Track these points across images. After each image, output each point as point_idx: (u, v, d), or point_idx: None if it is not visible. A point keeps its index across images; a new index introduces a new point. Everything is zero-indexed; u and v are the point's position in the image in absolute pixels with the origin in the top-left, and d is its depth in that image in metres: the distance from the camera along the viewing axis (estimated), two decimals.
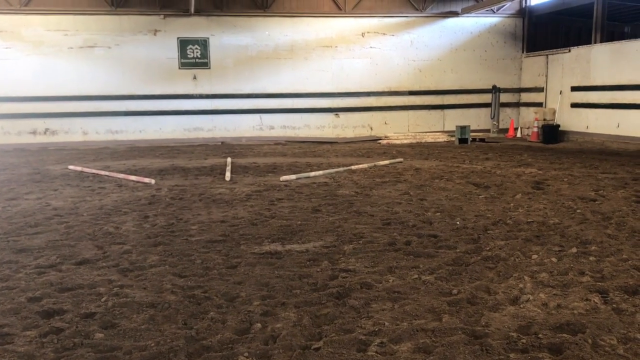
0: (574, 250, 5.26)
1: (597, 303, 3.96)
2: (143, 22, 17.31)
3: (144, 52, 17.36)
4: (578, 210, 7.01)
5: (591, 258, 5.02)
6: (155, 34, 17.39)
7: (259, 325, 3.70)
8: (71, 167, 11.76)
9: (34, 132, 16.97)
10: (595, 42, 16.26)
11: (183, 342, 3.43)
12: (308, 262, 5.06)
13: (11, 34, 16.53)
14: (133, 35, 17.26)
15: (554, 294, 4.17)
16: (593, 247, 5.36)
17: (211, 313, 3.89)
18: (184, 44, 17.54)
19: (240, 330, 3.65)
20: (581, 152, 13.97)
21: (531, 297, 4.09)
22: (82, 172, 11.14)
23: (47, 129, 17.05)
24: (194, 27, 17.58)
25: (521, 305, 3.97)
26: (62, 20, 16.81)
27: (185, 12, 17.31)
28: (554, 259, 5.00)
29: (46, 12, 16.66)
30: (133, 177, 10.12)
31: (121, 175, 10.37)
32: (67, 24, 16.83)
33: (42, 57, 16.75)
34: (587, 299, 4.04)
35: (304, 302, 4.08)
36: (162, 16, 17.32)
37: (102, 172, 10.82)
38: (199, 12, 17.36)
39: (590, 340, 3.37)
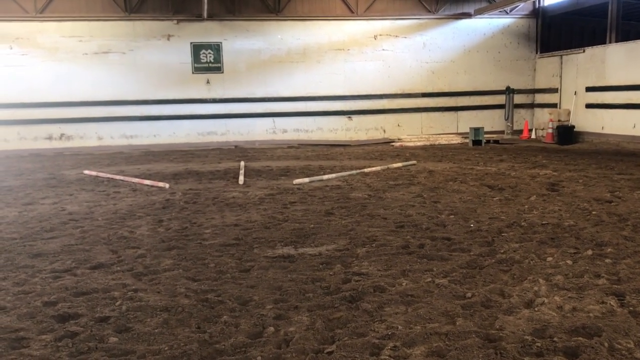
0: (590, 252, 5.20)
1: (613, 306, 3.91)
2: (157, 28, 17.45)
3: (158, 57, 17.49)
4: (594, 212, 6.94)
5: (607, 260, 4.97)
6: (168, 39, 17.52)
7: (272, 329, 3.70)
8: (86, 171, 11.86)
9: (49, 138, 17.16)
10: (610, 42, 16.11)
11: (196, 345, 3.45)
12: (321, 266, 5.06)
13: (27, 40, 16.74)
14: (147, 40, 17.40)
15: (570, 297, 4.12)
16: (609, 249, 5.30)
17: (224, 317, 3.89)
18: (197, 48, 17.65)
19: (253, 334, 3.65)
20: (597, 153, 13.83)
21: (546, 300, 4.05)
22: (97, 176, 11.23)
23: (62, 134, 17.23)
24: (207, 32, 17.69)
25: (536, 309, 3.94)
26: (77, 27, 16.99)
27: (198, 17, 17.42)
28: (569, 262, 4.95)
29: (61, 19, 16.86)
30: (147, 182, 10.19)
31: (136, 180, 10.44)
32: (82, 30, 17.02)
33: (58, 63, 16.94)
34: (603, 302, 3.99)
35: (316, 306, 4.07)
36: (175, 21, 17.45)
37: (117, 177, 10.90)
38: (212, 17, 17.46)
39: (606, 344, 3.33)
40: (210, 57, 17.74)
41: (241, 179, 10.37)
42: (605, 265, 4.85)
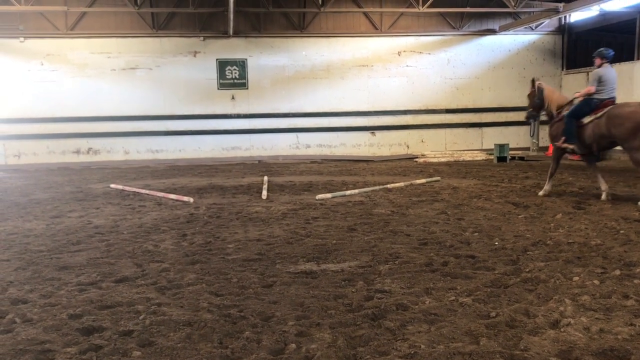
0: (618, 272, 5.09)
1: None
2: (183, 44, 17.74)
3: (184, 73, 17.77)
4: (621, 231, 6.80)
5: (636, 281, 4.85)
6: (195, 56, 17.80)
7: (293, 345, 3.69)
8: (113, 185, 12.04)
9: (77, 152, 17.49)
10: (638, 58, 15.91)
11: None
12: (343, 282, 5.04)
13: (57, 57, 17.15)
14: (173, 56, 17.70)
15: (597, 318, 4.04)
16: (638, 270, 5.18)
17: (246, 332, 3.90)
18: (222, 65, 17.89)
19: (275, 350, 3.64)
20: (624, 170, 13.59)
21: (572, 321, 3.97)
22: (123, 190, 11.39)
23: (90, 149, 17.55)
24: (232, 48, 17.93)
25: (562, 329, 3.86)
26: (106, 43, 17.38)
27: (224, 34, 17.68)
28: (596, 282, 4.85)
29: (91, 36, 17.26)
30: (172, 196, 10.29)
31: (161, 194, 10.56)
32: (111, 47, 17.40)
33: (86, 79, 17.33)
34: (631, 324, 3.90)
35: (339, 323, 4.05)
36: (201, 38, 17.73)
37: (143, 191, 11.04)
38: (237, 33, 17.70)
39: None
40: (235, 73, 17.96)
41: (264, 193, 10.42)
42: (634, 285, 4.74)
